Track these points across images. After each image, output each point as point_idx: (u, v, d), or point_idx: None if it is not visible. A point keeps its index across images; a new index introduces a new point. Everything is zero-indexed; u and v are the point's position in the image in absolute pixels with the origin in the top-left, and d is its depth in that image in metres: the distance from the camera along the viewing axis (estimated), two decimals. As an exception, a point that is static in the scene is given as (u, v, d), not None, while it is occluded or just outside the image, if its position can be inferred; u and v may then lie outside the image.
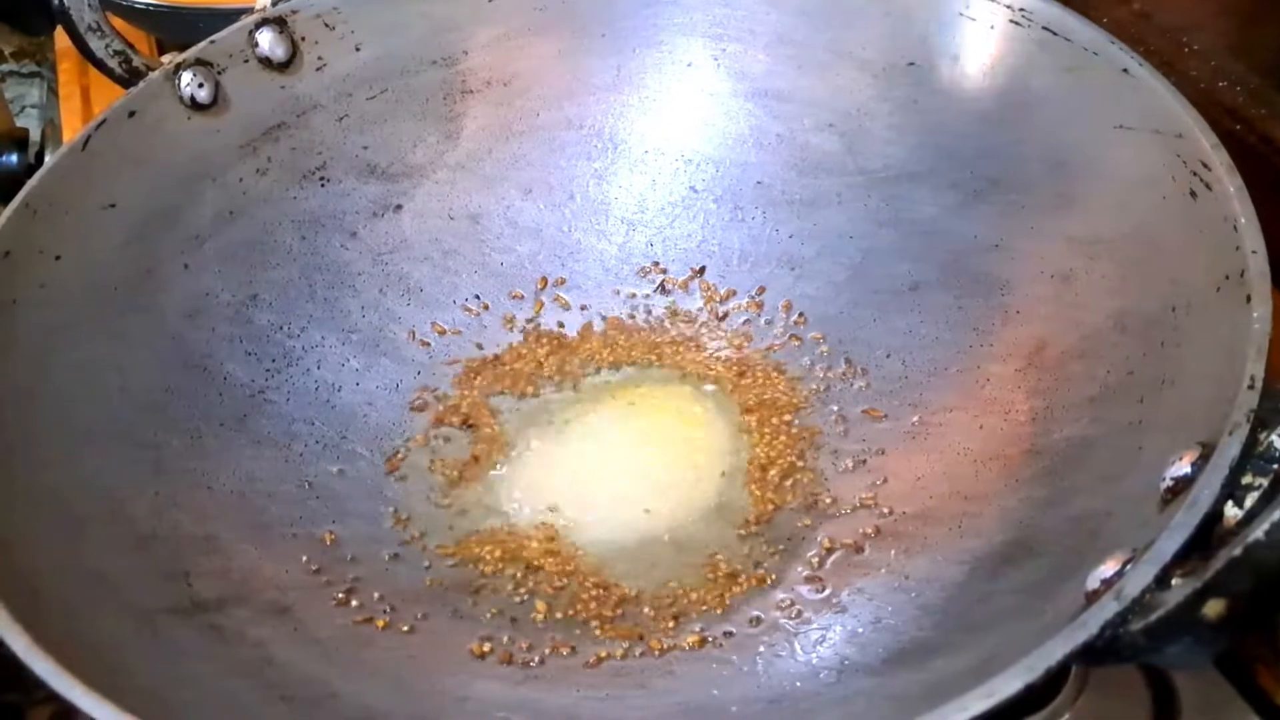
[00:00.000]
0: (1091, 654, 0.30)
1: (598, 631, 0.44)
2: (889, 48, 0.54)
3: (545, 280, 0.57)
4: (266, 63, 0.55)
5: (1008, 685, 0.29)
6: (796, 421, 0.51)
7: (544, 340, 0.56)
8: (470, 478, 0.51)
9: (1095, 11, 0.52)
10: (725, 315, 0.56)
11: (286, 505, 0.49)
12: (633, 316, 0.56)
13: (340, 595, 0.46)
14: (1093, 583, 0.33)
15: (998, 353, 0.49)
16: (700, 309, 0.56)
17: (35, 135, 0.74)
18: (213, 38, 0.54)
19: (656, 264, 0.57)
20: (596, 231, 0.59)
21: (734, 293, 0.56)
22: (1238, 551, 0.27)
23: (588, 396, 0.54)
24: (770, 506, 0.48)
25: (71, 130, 0.78)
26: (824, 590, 0.44)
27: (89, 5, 0.53)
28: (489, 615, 0.45)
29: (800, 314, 0.55)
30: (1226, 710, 0.44)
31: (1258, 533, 0.27)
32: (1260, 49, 0.60)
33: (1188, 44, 0.60)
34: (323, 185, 0.56)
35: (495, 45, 0.58)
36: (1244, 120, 0.57)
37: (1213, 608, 0.27)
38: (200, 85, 0.53)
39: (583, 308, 0.57)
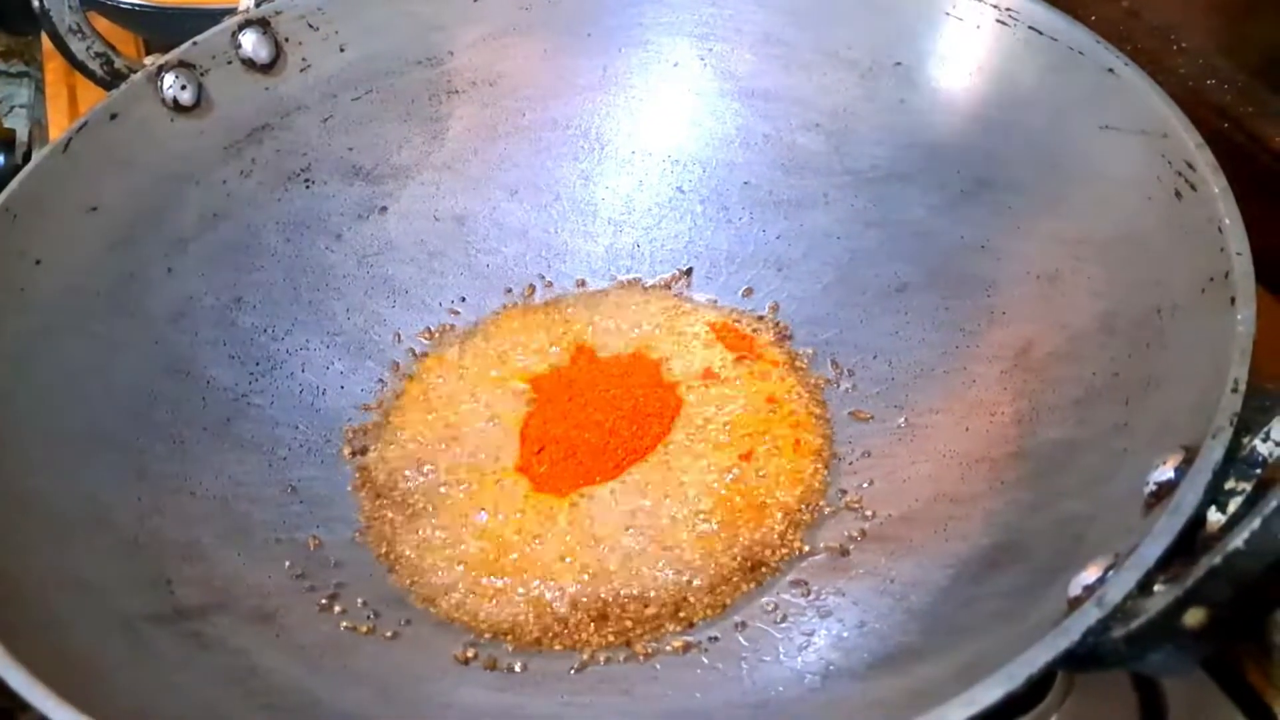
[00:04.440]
0: (1073, 661, 0.30)
1: (582, 637, 0.44)
2: (876, 47, 0.54)
3: (533, 288, 0.57)
4: (250, 64, 0.54)
5: (988, 693, 0.29)
6: (781, 424, 0.51)
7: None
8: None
9: (1083, 9, 0.52)
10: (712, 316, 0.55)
11: (270, 510, 0.48)
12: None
13: (324, 601, 0.45)
14: (1075, 589, 0.33)
15: (984, 354, 0.48)
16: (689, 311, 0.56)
17: (22, 136, 0.74)
18: (195, 39, 0.53)
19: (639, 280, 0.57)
20: (583, 233, 0.58)
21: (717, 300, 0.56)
22: (1218, 560, 0.27)
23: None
24: (754, 509, 0.47)
25: (59, 131, 0.78)
26: (809, 594, 0.44)
27: (69, 7, 0.53)
28: (473, 621, 0.45)
29: (787, 315, 0.54)
30: (1213, 711, 0.44)
31: (1238, 541, 0.26)
32: (1248, 47, 0.60)
33: (1176, 42, 0.60)
34: (307, 187, 0.56)
35: (480, 45, 0.58)
36: (1232, 118, 0.57)
37: (1193, 616, 0.27)
38: (183, 87, 0.52)
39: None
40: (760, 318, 0.55)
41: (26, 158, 0.72)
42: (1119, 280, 0.44)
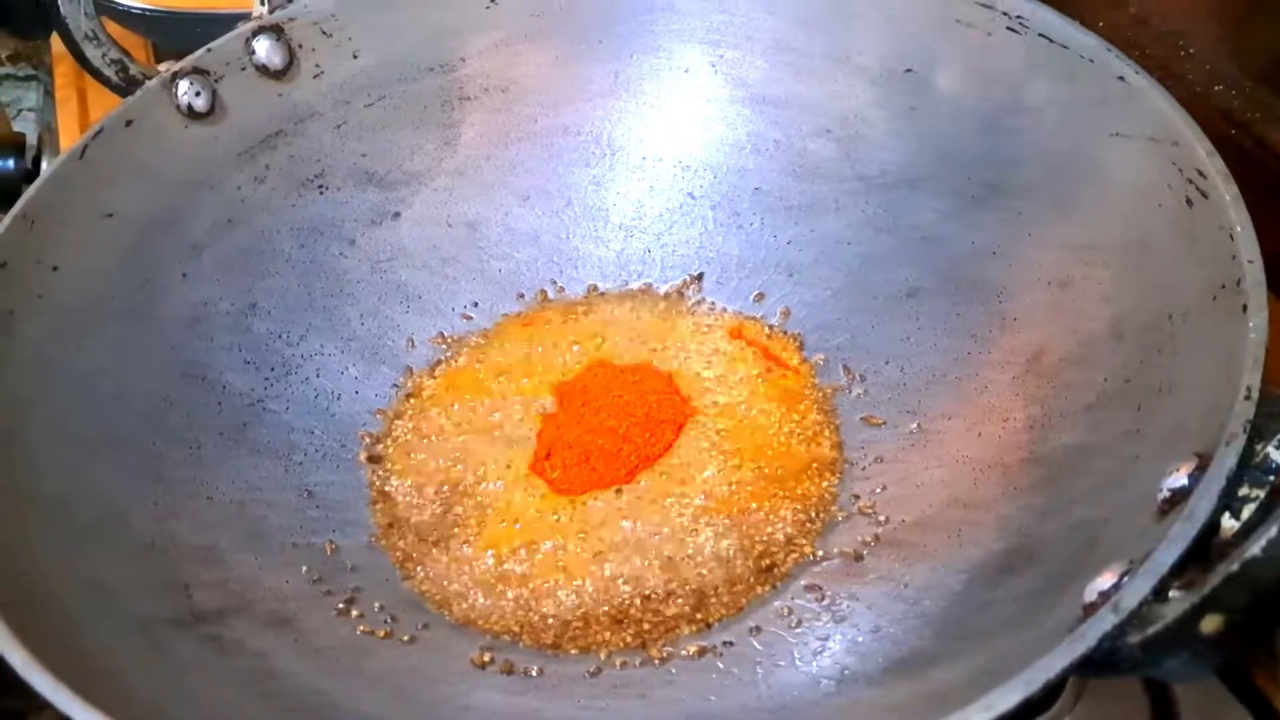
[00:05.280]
0: (1089, 667, 0.30)
1: (599, 639, 0.44)
2: (887, 54, 0.54)
3: (545, 294, 0.57)
4: (264, 70, 0.55)
5: (1006, 699, 0.29)
6: (793, 428, 0.51)
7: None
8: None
9: (1091, 15, 0.52)
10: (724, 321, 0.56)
11: (286, 514, 0.49)
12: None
13: (341, 605, 0.46)
14: (1090, 595, 0.33)
15: (995, 360, 0.49)
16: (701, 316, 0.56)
17: (32, 140, 0.74)
18: (209, 46, 0.53)
19: (650, 285, 0.58)
20: (594, 238, 0.59)
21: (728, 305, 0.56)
22: (1235, 567, 0.27)
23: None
24: (767, 514, 0.48)
25: (68, 134, 0.78)
26: (823, 599, 0.44)
27: (85, 14, 0.53)
28: (490, 625, 0.46)
29: (798, 320, 0.55)
30: (1224, 715, 0.44)
31: (1254, 549, 0.27)
32: (1256, 53, 0.60)
33: (1184, 48, 0.60)
34: (321, 193, 0.56)
35: (493, 52, 0.58)
36: (1240, 124, 0.57)
37: (1210, 623, 0.28)
38: (197, 94, 0.53)
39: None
40: (771, 324, 0.55)
41: (36, 162, 0.72)
42: (1130, 287, 0.44)
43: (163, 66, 0.53)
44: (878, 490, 0.48)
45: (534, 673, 0.44)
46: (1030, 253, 0.49)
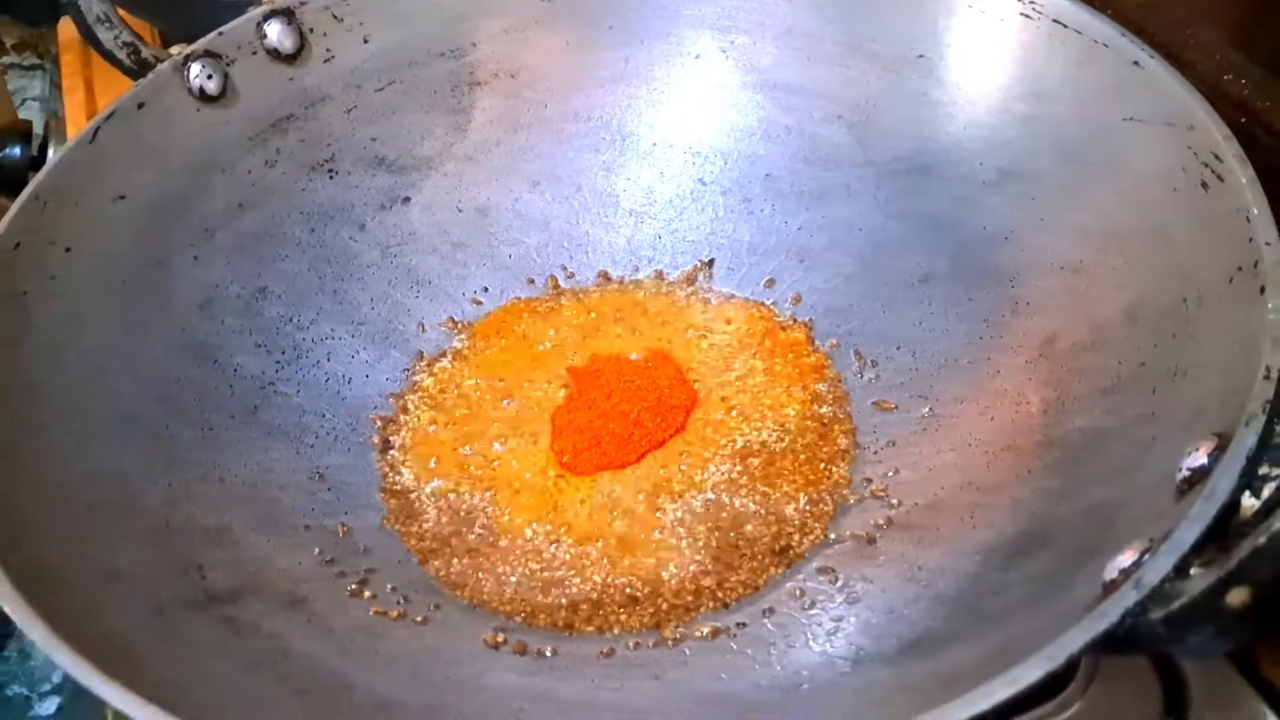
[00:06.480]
0: (1112, 643, 0.30)
1: (613, 620, 0.45)
2: (898, 39, 0.54)
3: (555, 279, 0.57)
4: (275, 54, 0.55)
5: (1030, 673, 0.29)
6: (804, 412, 0.51)
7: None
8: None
9: (1100, 1, 0.52)
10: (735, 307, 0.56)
11: (299, 496, 0.49)
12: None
13: (354, 586, 0.46)
14: (1111, 573, 0.33)
15: (1008, 344, 0.49)
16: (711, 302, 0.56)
17: (38, 128, 0.74)
18: (221, 29, 0.53)
19: (661, 271, 0.58)
20: (604, 224, 0.59)
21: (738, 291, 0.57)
22: (1262, 540, 0.27)
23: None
24: (780, 498, 0.48)
25: (75, 124, 0.78)
26: (836, 581, 0.44)
27: (97, -3, 0.53)
28: (503, 605, 0.46)
29: (809, 306, 0.55)
30: (1236, 700, 0.44)
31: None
32: (1265, 41, 0.60)
33: (1192, 35, 0.60)
34: (331, 177, 0.56)
35: (503, 37, 0.58)
36: (1250, 112, 0.57)
37: (1236, 596, 0.28)
38: (209, 77, 0.53)
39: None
40: (782, 310, 0.55)
41: (42, 150, 0.72)
42: (1144, 271, 0.44)
43: (175, 50, 0.53)
44: (890, 474, 0.48)
45: (547, 653, 0.44)
46: (1043, 238, 0.49)
